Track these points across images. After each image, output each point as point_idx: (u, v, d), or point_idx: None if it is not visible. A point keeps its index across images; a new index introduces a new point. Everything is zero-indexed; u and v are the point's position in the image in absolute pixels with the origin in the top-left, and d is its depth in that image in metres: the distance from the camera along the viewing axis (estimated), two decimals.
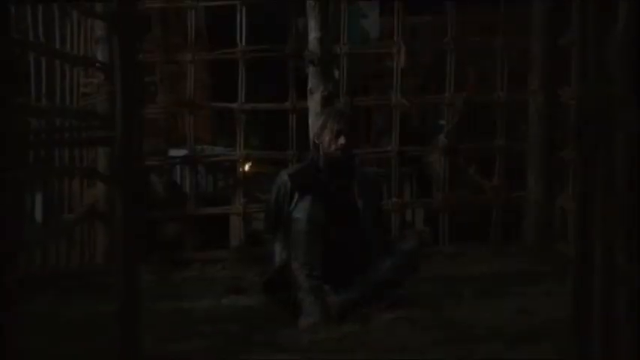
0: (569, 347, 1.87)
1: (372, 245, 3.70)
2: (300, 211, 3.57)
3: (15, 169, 1.80)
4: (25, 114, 4.15)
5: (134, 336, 1.53)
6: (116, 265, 1.56)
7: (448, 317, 3.45)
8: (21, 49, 4.20)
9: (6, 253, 1.81)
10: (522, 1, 5.21)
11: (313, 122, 4.34)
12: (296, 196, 3.63)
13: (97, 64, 4.94)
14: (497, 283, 4.19)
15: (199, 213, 5.33)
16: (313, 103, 4.62)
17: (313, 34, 4.61)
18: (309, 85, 4.65)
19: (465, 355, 2.91)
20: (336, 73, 5.13)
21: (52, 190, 4.57)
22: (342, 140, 3.65)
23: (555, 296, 3.68)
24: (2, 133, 1.83)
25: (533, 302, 3.63)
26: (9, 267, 1.80)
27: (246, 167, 5.60)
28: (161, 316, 3.55)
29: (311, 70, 4.62)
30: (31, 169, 4.19)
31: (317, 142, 3.77)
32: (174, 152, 5.72)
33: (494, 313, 3.52)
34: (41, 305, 3.75)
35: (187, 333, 3.32)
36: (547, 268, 4.44)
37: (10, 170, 1.86)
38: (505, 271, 4.55)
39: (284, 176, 3.72)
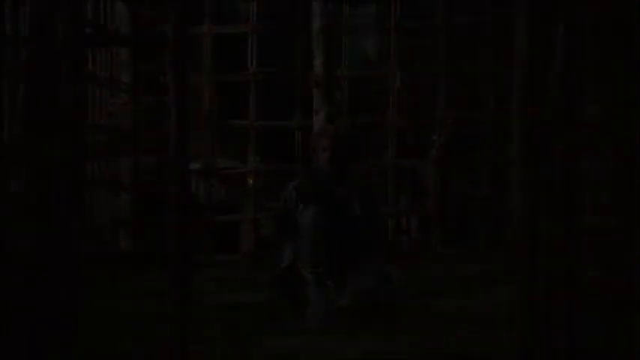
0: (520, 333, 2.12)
1: (370, 247, 4.02)
2: (306, 217, 3.91)
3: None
4: None
5: (185, 327, 1.95)
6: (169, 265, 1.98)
7: (436, 309, 3.77)
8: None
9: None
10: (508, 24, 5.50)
11: None
12: (301, 205, 3.97)
13: (122, 86, 5.34)
14: (481, 280, 4.48)
15: (214, 220, 5.67)
16: (318, 121, 5.00)
17: (318, 60, 4.97)
18: (314, 105, 5.01)
19: (450, 339, 3.23)
20: (338, 95, 5.41)
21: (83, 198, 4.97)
22: (326, 154, 4.00)
23: None
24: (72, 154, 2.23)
25: (512, 297, 3.88)
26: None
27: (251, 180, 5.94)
28: None
29: (316, 92, 4.99)
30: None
31: (313, 157, 4.13)
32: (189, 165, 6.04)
33: (477, 305, 3.85)
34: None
35: (207, 321, 3.55)
36: None
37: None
38: (489, 270, 4.78)
39: (290, 188, 4.05)
